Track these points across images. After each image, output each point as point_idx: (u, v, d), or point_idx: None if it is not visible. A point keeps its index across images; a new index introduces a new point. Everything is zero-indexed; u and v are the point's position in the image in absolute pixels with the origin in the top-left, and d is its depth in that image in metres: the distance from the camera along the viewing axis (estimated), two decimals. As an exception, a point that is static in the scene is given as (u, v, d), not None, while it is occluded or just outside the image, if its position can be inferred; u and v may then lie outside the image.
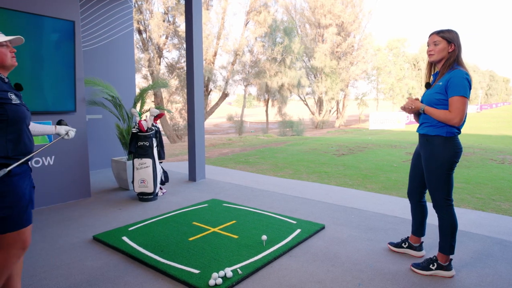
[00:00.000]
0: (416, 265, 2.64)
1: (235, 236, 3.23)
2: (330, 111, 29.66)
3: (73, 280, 2.50)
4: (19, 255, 1.88)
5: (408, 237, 2.99)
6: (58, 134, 2.33)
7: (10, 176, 1.80)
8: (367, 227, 3.55)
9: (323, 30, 27.09)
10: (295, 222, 3.61)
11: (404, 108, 2.69)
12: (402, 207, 4.21)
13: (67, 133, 2.34)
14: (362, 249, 3.02)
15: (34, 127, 2.18)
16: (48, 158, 4.24)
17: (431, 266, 2.58)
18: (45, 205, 4.21)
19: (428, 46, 2.61)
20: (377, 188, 5.89)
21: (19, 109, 1.86)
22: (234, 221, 3.65)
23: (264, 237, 3.03)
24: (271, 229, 3.40)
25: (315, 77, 27.89)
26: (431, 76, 2.71)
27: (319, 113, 28.82)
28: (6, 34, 1.93)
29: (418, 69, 33.53)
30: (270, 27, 19.75)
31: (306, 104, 29.61)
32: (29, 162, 2.01)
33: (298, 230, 3.35)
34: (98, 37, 6.27)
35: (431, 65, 2.70)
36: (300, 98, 28.45)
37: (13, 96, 1.86)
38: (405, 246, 2.94)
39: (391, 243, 3.04)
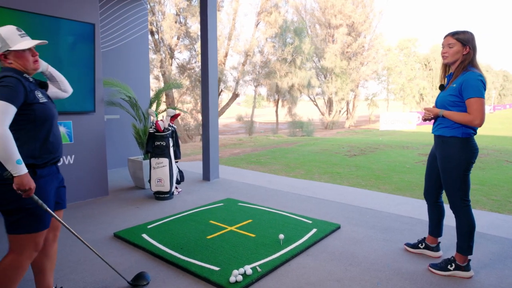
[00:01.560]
0: (433, 266, 2.65)
1: (252, 235, 3.28)
2: (340, 111, 29.54)
3: (97, 275, 2.59)
4: (31, 257, 1.88)
5: (424, 237, 3.00)
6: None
7: (36, 178, 1.81)
8: (382, 227, 3.57)
9: (334, 30, 27.01)
10: (310, 221, 3.64)
11: (425, 119, 2.72)
12: (417, 208, 4.22)
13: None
14: (378, 249, 3.04)
15: (58, 75, 2.19)
16: (69, 157, 4.36)
17: (449, 266, 2.59)
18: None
19: (442, 47, 2.62)
20: (390, 189, 5.88)
21: (46, 108, 1.89)
22: (250, 220, 3.70)
23: (281, 236, 3.08)
24: (287, 228, 3.45)
25: (325, 78, 27.82)
26: (445, 78, 2.72)
27: (329, 114, 28.74)
28: (32, 37, 1.95)
29: (429, 69, 33.16)
30: (280, 28, 19.78)
31: (316, 105, 29.54)
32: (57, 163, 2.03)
33: (314, 230, 3.39)
34: (115, 38, 6.39)
35: (445, 66, 2.71)
36: (310, 98, 28.40)
37: (39, 95, 1.88)
38: (422, 247, 2.96)
39: (407, 244, 3.06)
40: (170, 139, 4.68)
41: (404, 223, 3.70)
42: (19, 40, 1.84)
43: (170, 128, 4.70)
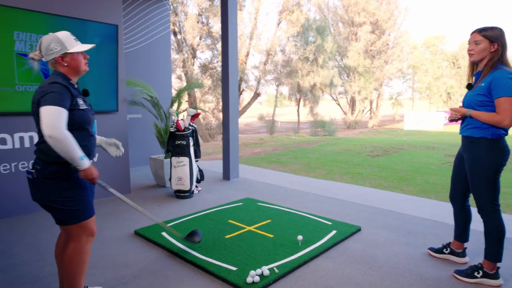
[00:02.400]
0: (459, 272, 2.54)
1: (271, 235, 3.26)
2: (363, 111, 28.97)
3: (118, 271, 2.64)
4: (89, 240, 2.05)
5: (449, 242, 2.88)
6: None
7: (71, 173, 1.95)
8: (405, 230, 3.46)
9: (357, 28, 26.51)
10: (330, 223, 3.58)
11: (451, 120, 2.60)
12: (442, 211, 4.06)
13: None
14: (400, 253, 2.95)
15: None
16: (93, 155, 4.47)
17: (475, 273, 2.47)
18: (89, 200, 4.45)
19: (468, 44, 2.50)
20: (414, 191, 5.71)
21: (85, 115, 2.01)
22: (269, 220, 3.68)
23: (299, 237, 3.04)
24: (306, 229, 3.40)
25: (348, 77, 27.36)
26: (473, 77, 2.60)
27: (352, 113, 28.24)
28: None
29: (458, 67, 31.93)
30: (302, 26, 19.60)
31: (338, 104, 29.11)
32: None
33: (334, 231, 3.32)
34: (138, 39, 6.52)
35: (473, 64, 2.59)
36: (332, 97, 28.02)
37: (80, 102, 2.01)
38: (446, 252, 2.84)
39: (431, 249, 2.94)
40: (191, 138, 4.72)
41: (428, 226, 3.57)
42: (75, 44, 2.02)
43: (190, 127, 4.75)
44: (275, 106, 24.27)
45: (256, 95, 20.16)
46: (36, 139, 4.00)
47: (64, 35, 1.99)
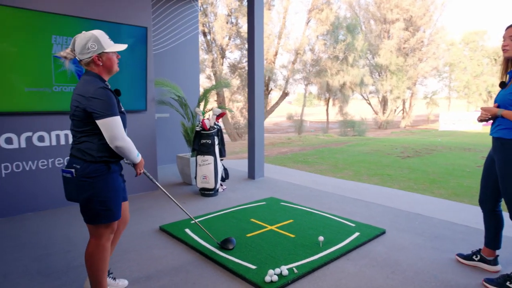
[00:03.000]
0: (489, 281, 2.42)
1: (292, 235, 3.25)
2: (395, 110, 28.05)
3: (142, 265, 2.74)
4: (110, 239, 2.14)
5: (480, 249, 2.74)
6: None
7: (110, 172, 2.04)
8: (432, 235, 3.33)
9: (389, 25, 25.71)
10: (353, 225, 3.51)
11: (481, 120, 2.47)
12: (475, 216, 3.86)
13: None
14: (426, 257, 2.84)
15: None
16: (123, 153, 4.66)
17: (508, 283, 2.34)
18: (119, 196, 4.63)
19: (503, 40, 2.37)
20: (446, 194, 5.48)
21: (121, 117, 2.05)
22: (291, 220, 3.67)
23: (321, 238, 3.01)
24: (328, 230, 3.36)
25: (379, 75, 26.61)
26: (506, 74, 2.46)
27: (383, 113, 27.44)
28: None
29: (500, 65, 30.15)
30: (332, 25, 19.29)
31: (369, 103, 28.38)
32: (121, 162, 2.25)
33: (357, 234, 3.26)
34: (167, 40, 6.71)
35: (507, 61, 2.46)
36: (363, 97, 27.36)
37: (119, 104, 2.08)
38: (476, 259, 2.71)
39: (460, 255, 2.82)
40: (216, 137, 4.80)
41: (458, 231, 3.42)
42: (110, 43, 2.06)
43: (215, 126, 4.82)
44: (303, 106, 24.06)
45: (284, 94, 20.08)
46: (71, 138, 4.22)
47: (101, 34, 2.01)
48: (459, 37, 31.91)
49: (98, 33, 2.02)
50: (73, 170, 1.97)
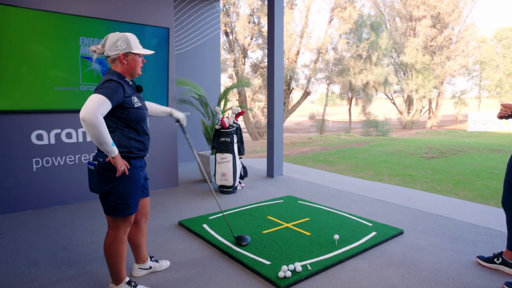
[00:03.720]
0: (510, 285, 2.35)
1: (308, 233, 3.26)
2: (421, 110, 27.26)
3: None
4: (126, 231, 2.23)
5: (502, 251, 2.66)
6: (177, 120, 2.63)
7: (131, 168, 2.12)
8: (453, 236, 3.26)
9: (415, 23, 25.01)
10: (371, 224, 3.49)
11: (501, 117, 2.40)
12: (499, 218, 3.74)
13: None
14: (444, 259, 2.79)
15: (154, 106, 2.53)
16: (145, 150, 4.81)
17: (529, 286, 2.27)
18: (141, 191, 4.79)
19: None
20: (470, 196, 5.31)
21: (140, 112, 2.16)
22: (307, 218, 3.68)
23: (336, 236, 3.01)
24: (344, 229, 3.35)
25: (404, 74, 25.95)
26: None
27: (408, 113, 26.74)
28: None
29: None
30: (355, 23, 18.99)
31: (394, 103, 27.71)
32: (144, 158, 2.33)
33: (374, 233, 3.24)
34: (189, 40, 6.85)
35: None
36: (387, 96, 26.76)
37: (135, 100, 2.15)
38: (498, 262, 2.63)
39: (480, 257, 2.75)
40: (235, 135, 4.87)
41: (480, 234, 3.32)
42: (139, 46, 2.18)
43: (234, 125, 4.89)
44: (325, 105, 23.82)
45: (306, 93, 19.95)
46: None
47: (132, 36, 2.15)
48: (491, 34, 30.58)
49: (130, 35, 2.16)
50: (96, 162, 2.07)
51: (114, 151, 1.97)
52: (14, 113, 3.90)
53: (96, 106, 1.86)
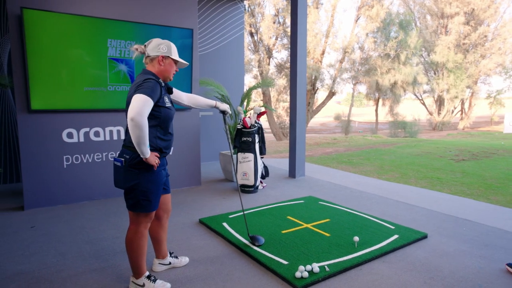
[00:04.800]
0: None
1: (327, 234, 3.23)
2: (452, 111, 26.19)
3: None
4: (147, 226, 2.31)
5: (534, 259, 2.53)
6: (223, 112, 2.78)
7: (158, 166, 2.19)
8: (481, 242, 3.12)
9: (447, 20, 24.06)
10: (393, 227, 3.40)
11: None
12: (533, 225, 3.54)
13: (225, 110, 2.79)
14: (471, 266, 2.68)
15: (199, 99, 2.67)
16: (169, 149, 4.92)
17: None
18: (164, 189, 4.90)
19: None
20: (503, 201, 5.05)
21: (169, 112, 2.26)
22: (328, 219, 3.64)
23: (356, 238, 2.96)
24: (365, 231, 3.29)
25: (435, 73, 25.02)
26: None
27: (438, 114, 25.76)
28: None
29: None
30: (383, 22, 18.53)
31: (423, 103, 26.80)
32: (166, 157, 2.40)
33: (396, 236, 3.16)
34: (214, 41, 6.94)
35: None
36: (416, 96, 25.92)
37: (166, 100, 2.26)
38: (529, 270, 2.50)
39: (510, 264, 2.62)
40: (256, 135, 4.89)
41: None
42: (177, 55, 2.35)
43: (256, 124, 4.91)
44: (351, 106, 23.39)
45: (331, 94, 19.68)
46: (123, 133, 4.57)
47: (174, 46, 2.33)
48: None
49: (172, 43, 2.33)
50: (122, 159, 2.16)
51: (149, 152, 2.08)
52: (47, 112, 4.11)
53: (144, 108, 1.98)
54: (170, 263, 2.66)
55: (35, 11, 3.83)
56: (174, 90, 2.52)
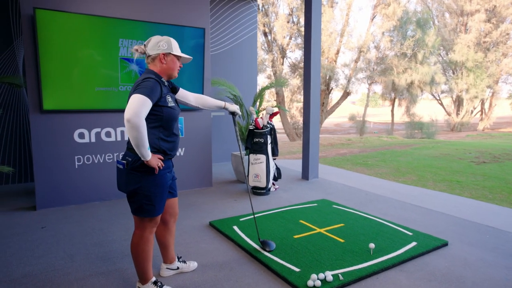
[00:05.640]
0: None
1: (341, 240, 3.10)
2: (471, 111, 25.44)
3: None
4: (152, 231, 2.22)
5: None
6: (232, 113, 2.69)
7: (161, 169, 2.11)
8: (507, 252, 2.93)
9: (467, 18, 23.39)
10: (411, 233, 3.24)
11: None
12: None
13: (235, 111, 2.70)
14: (496, 277, 2.51)
15: (207, 100, 2.56)
16: (180, 150, 4.88)
17: None
18: (175, 190, 4.84)
19: None
20: (528, 206, 4.80)
21: (172, 112, 2.15)
22: (342, 224, 3.51)
23: (371, 245, 2.82)
24: (381, 237, 3.14)
25: (453, 73, 24.35)
26: None
27: (457, 114, 25.07)
28: None
29: None
30: (400, 20, 18.13)
31: (441, 104, 26.13)
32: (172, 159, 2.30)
33: (414, 243, 3.00)
34: (226, 41, 6.87)
35: None
36: (434, 96, 25.29)
37: (169, 99, 2.16)
38: (560, 283, 2.32)
39: (539, 276, 2.44)
40: (269, 136, 4.78)
41: (540, 250, 2.96)
42: (179, 50, 2.23)
43: (268, 125, 4.81)
44: (366, 106, 23.01)
45: (346, 94, 19.38)
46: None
47: (174, 40, 2.21)
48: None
49: (172, 39, 2.22)
50: (125, 162, 2.08)
51: (149, 154, 1.98)
52: (59, 112, 4.11)
53: (140, 108, 1.89)
54: (178, 268, 2.59)
55: (48, 11, 3.83)
56: (181, 90, 2.43)
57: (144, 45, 2.19)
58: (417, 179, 6.57)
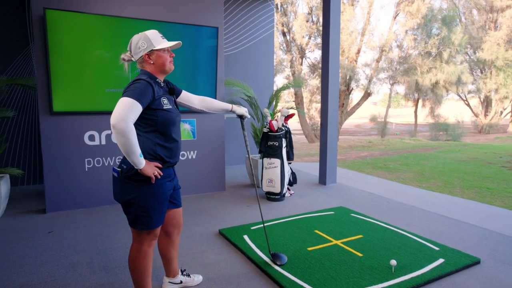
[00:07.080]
0: None
1: (359, 254, 2.85)
2: (501, 112, 24.27)
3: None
4: (151, 245, 2.04)
5: None
6: (240, 116, 2.50)
7: (159, 178, 1.92)
8: (548, 272, 2.60)
9: (497, 14, 22.32)
10: (437, 248, 2.95)
11: None
12: None
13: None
14: (537, 303, 2.20)
15: (212, 103, 2.36)
16: (192, 153, 4.73)
17: None
18: (186, 194, 4.70)
19: None
20: None
21: (168, 115, 1.95)
22: (360, 236, 3.25)
23: (393, 262, 2.56)
24: (404, 252, 2.87)
25: (481, 72, 23.30)
26: None
27: (485, 115, 23.97)
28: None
29: None
30: (424, 18, 17.46)
31: (468, 104, 25.06)
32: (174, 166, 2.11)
33: (441, 260, 2.72)
34: (242, 41, 6.70)
35: None
36: (460, 97, 24.28)
37: (165, 101, 1.96)
38: None
39: None
40: (283, 139, 4.57)
41: None
42: (161, 41, 1.97)
43: (283, 128, 4.59)
44: (388, 107, 22.33)
45: (367, 94, 18.85)
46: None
47: (152, 33, 1.96)
48: None
49: (150, 32, 1.97)
50: (119, 170, 1.91)
51: (142, 162, 1.79)
52: (69, 114, 4.04)
53: (127, 112, 1.71)
54: (181, 282, 2.41)
55: (58, 11, 3.76)
56: (184, 93, 2.24)
57: (129, 51, 2.00)
58: (442, 185, 6.18)
